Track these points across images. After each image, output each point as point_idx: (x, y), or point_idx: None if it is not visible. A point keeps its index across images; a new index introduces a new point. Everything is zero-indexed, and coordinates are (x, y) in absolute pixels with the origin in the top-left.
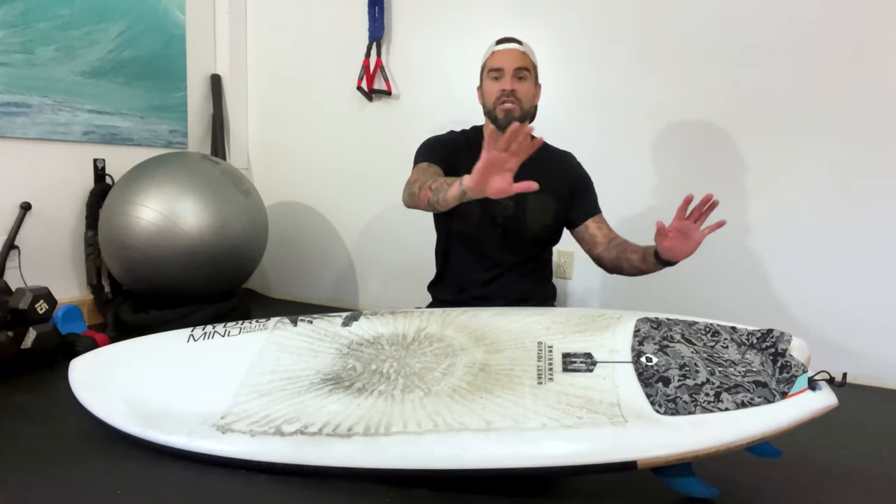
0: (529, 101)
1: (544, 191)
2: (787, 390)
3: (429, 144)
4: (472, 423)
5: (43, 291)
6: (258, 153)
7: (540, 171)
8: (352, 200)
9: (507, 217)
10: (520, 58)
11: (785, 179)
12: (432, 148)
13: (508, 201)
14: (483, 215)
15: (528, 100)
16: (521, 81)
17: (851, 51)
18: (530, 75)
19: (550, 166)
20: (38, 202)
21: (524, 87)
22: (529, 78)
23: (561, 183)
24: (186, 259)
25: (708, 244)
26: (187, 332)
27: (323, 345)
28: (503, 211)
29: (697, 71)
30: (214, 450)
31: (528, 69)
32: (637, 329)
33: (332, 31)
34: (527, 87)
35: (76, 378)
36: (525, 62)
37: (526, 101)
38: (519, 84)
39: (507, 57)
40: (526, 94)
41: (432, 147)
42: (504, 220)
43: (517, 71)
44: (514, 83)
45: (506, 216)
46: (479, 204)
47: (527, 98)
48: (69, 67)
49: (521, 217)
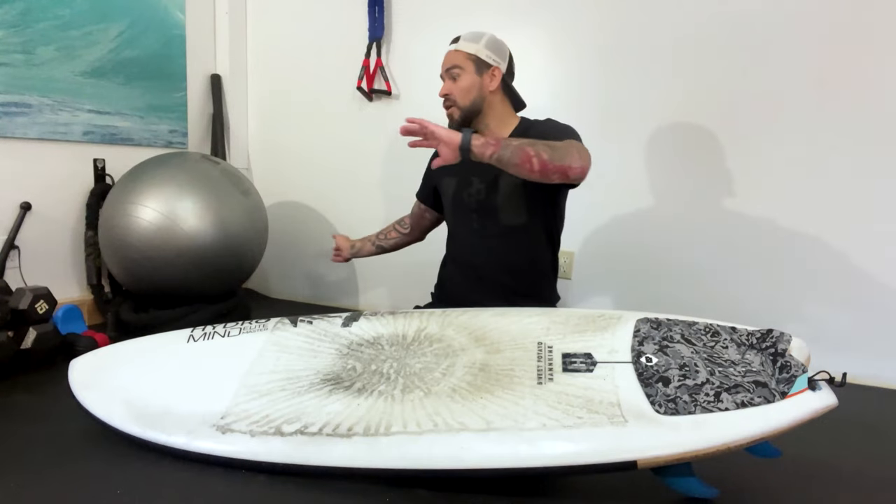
0: (466, 97)
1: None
2: (786, 390)
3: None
4: (472, 423)
5: (43, 291)
6: (258, 153)
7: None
8: (352, 200)
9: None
10: (451, 57)
11: (785, 180)
12: (425, 174)
13: (480, 185)
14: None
15: (463, 97)
16: (455, 81)
17: (851, 52)
18: (464, 70)
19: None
20: (38, 202)
21: (457, 86)
22: (463, 73)
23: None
24: (186, 259)
25: (708, 244)
26: (187, 333)
27: (323, 345)
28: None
29: (696, 72)
30: (214, 450)
31: (459, 66)
32: (637, 329)
33: (332, 31)
34: (460, 84)
35: (76, 378)
36: (456, 59)
37: (462, 99)
38: (452, 85)
39: (444, 60)
40: (459, 93)
41: (426, 173)
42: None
43: (448, 72)
44: (449, 86)
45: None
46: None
47: (461, 96)
48: (69, 67)
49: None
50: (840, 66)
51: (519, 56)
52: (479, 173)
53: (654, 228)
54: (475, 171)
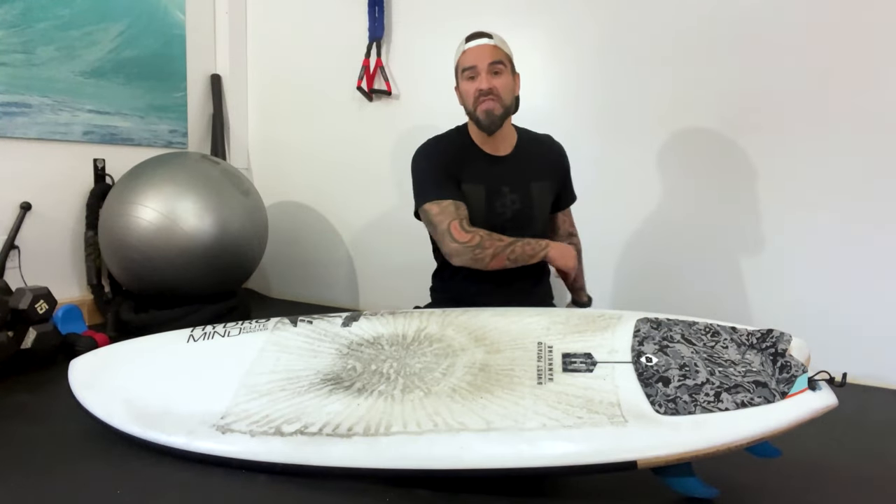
0: (509, 95)
1: (541, 177)
2: (787, 390)
3: (434, 165)
4: (472, 423)
5: (43, 291)
6: (258, 153)
7: (532, 158)
8: (352, 200)
9: (515, 211)
10: (492, 52)
11: (785, 181)
12: (442, 172)
13: (513, 194)
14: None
15: (506, 94)
16: (497, 76)
17: (856, 53)
18: (506, 68)
19: (544, 152)
20: (38, 202)
21: (501, 81)
22: (505, 70)
23: (553, 168)
24: (186, 259)
25: (708, 244)
26: (187, 332)
27: (323, 345)
28: (511, 205)
29: (699, 74)
30: (214, 450)
31: (503, 62)
32: (637, 329)
33: (332, 31)
34: (503, 80)
35: (76, 378)
36: (498, 55)
37: (505, 96)
38: (495, 79)
39: (480, 53)
40: (504, 89)
41: (441, 170)
42: (513, 213)
43: (492, 66)
44: (491, 80)
45: (515, 210)
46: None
47: (505, 92)
48: (69, 67)
49: (527, 207)
50: (841, 66)
51: (518, 56)
52: (510, 181)
53: (654, 228)
54: (505, 180)
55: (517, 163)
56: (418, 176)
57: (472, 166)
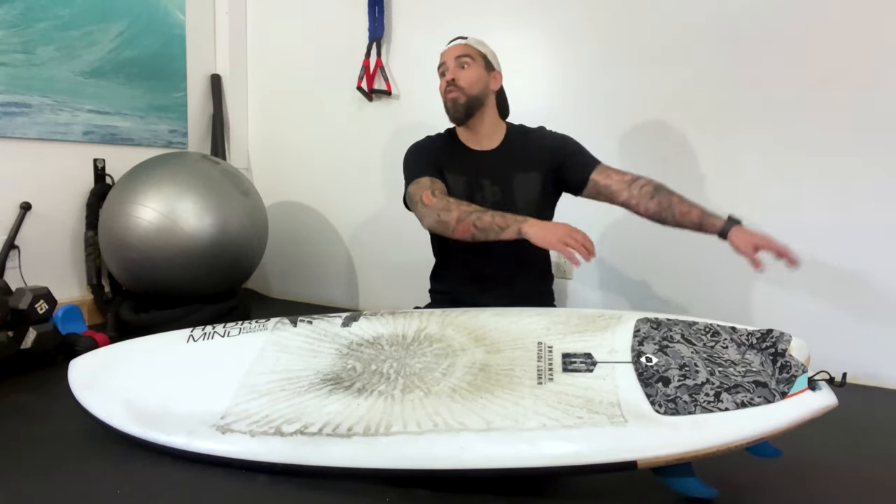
0: (474, 87)
1: (527, 169)
2: (786, 390)
3: (420, 154)
4: (472, 423)
5: (43, 291)
6: (258, 153)
7: (520, 151)
8: (352, 200)
9: (496, 202)
10: (461, 48)
11: (785, 181)
12: (425, 159)
13: (494, 186)
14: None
15: (470, 86)
16: (463, 69)
17: (850, 51)
18: (474, 62)
19: (528, 145)
20: (38, 202)
21: (466, 74)
22: (473, 64)
23: (542, 157)
24: (186, 259)
25: (708, 244)
26: (187, 333)
27: (323, 345)
28: (492, 197)
29: (699, 74)
30: (214, 450)
31: (471, 56)
32: (637, 329)
33: (332, 31)
34: (469, 73)
35: (76, 378)
36: (467, 50)
37: (469, 88)
38: (461, 72)
39: (450, 51)
40: (468, 81)
41: (425, 157)
42: (493, 205)
43: (458, 60)
44: (456, 72)
45: (495, 201)
46: (464, 194)
47: (469, 84)
48: (69, 67)
49: (508, 199)
50: (841, 65)
51: (517, 57)
52: (488, 173)
53: (654, 228)
54: (486, 173)
55: (501, 156)
56: (405, 168)
57: (455, 159)
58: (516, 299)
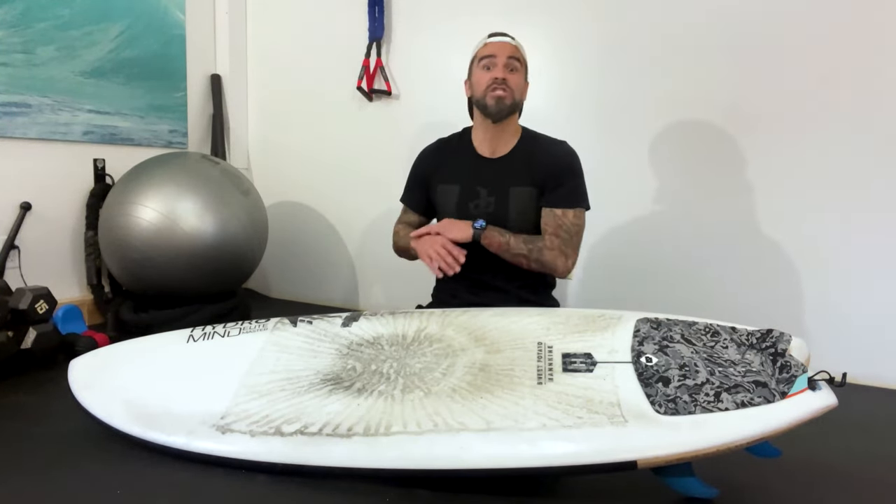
0: (519, 93)
1: (524, 182)
2: (786, 390)
3: (415, 169)
4: (472, 423)
5: (43, 291)
6: (258, 153)
7: (521, 162)
8: (352, 200)
9: (489, 213)
10: (512, 49)
11: (785, 181)
12: (414, 177)
13: (490, 197)
14: (460, 213)
15: (518, 91)
16: (513, 73)
17: (856, 52)
18: (521, 68)
19: (534, 158)
20: (38, 202)
21: (515, 78)
22: (520, 71)
23: (542, 173)
24: (186, 259)
25: (708, 244)
26: (187, 333)
27: (323, 345)
28: (486, 207)
29: (698, 73)
30: (214, 450)
31: (520, 61)
32: (637, 329)
33: (332, 31)
34: (517, 79)
35: (76, 378)
36: (517, 54)
37: (516, 92)
38: (510, 74)
39: (501, 47)
40: (517, 85)
41: (414, 176)
42: (486, 215)
43: (510, 61)
44: (506, 73)
45: (488, 212)
46: (455, 207)
47: (517, 89)
48: (69, 67)
49: (501, 210)
50: (842, 65)
51: None
52: (486, 183)
53: (654, 228)
54: (481, 181)
55: (504, 166)
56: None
57: (455, 166)
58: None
